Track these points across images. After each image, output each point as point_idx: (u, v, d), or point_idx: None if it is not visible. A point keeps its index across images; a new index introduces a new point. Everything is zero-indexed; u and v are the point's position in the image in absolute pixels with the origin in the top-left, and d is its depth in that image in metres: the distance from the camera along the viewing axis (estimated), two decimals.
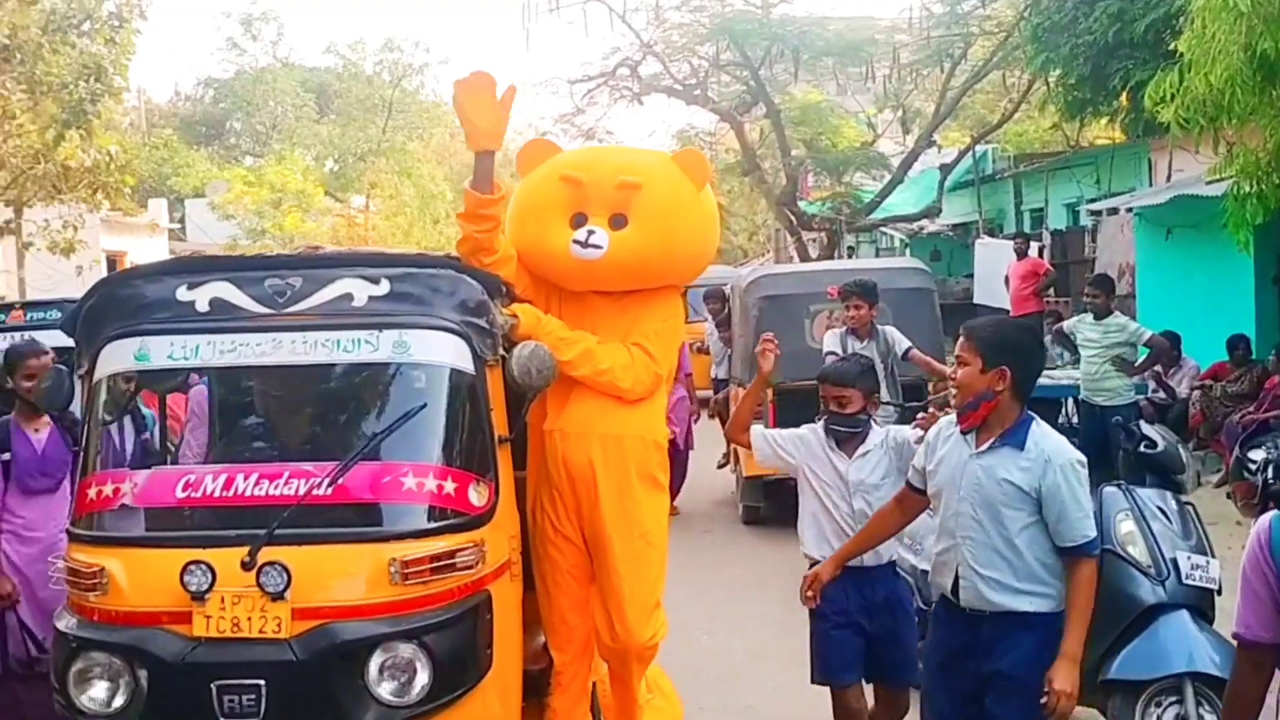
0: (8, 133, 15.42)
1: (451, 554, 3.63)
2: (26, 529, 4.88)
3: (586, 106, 22.26)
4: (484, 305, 3.92)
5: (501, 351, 3.96)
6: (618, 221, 4.25)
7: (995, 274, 16.59)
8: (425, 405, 3.80)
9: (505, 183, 4.26)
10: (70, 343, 4.02)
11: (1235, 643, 2.81)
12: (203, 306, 3.82)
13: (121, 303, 3.89)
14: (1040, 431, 3.73)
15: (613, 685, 4.49)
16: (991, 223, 21.37)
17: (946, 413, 4.08)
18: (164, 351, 3.79)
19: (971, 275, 19.13)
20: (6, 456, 4.83)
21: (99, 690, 3.54)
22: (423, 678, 3.54)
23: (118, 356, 3.83)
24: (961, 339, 3.82)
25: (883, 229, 23.42)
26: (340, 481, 3.63)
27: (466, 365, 3.85)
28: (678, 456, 10.05)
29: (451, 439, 3.87)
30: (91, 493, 3.76)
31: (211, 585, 3.46)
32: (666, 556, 4.40)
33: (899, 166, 20.89)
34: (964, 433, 3.76)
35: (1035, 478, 3.62)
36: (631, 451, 4.22)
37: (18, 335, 7.01)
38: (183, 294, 3.84)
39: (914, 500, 4.05)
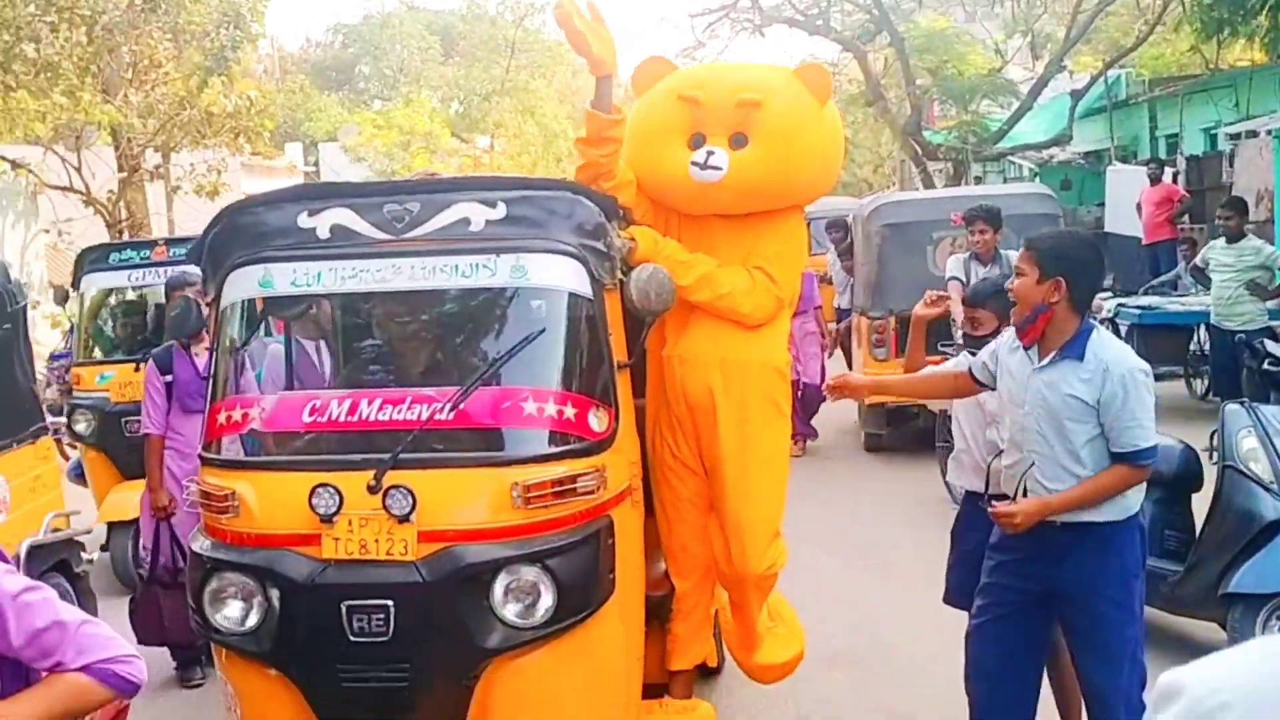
0: (155, 81, 16.16)
1: (573, 479, 3.60)
2: (187, 446, 5.24)
3: (707, 40, 21.90)
4: (601, 228, 3.86)
5: (619, 275, 3.91)
6: (738, 141, 4.13)
7: (1127, 201, 16.09)
8: (544, 330, 3.77)
9: (624, 106, 4.19)
10: None
11: None
12: (323, 233, 3.83)
13: (245, 230, 3.93)
14: (1100, 341, 3.70)
15: (733, 613, 4.46)
16: (1124, 150, 20.54)
17: None
18: (287, 278, 3.82)
19: (1103, 204, 18.47)
20: (170, 378, 5.31)
21: (233, 610, 3.63)
22: (547, 600, 3.54)
23: (242, 284, 3.88)
24: (1021, 250, 3.85)
25: (1011, 158, 22.58)
26: (462, 406, 3.63)
27: (584, 289, 3.80)
28: (807, 394, 9.80)
29: (571, 364, 3.83)
30: (221, 418, 3.83)
31: (339, 508, 3.50)
32: (786, 484, 4.33)
33: (1028, 93, 20.13)
34: (1025, 348, 3.74)
35: (1096, 389, 3.59)
36: (752, 378, 4.14)
37: (161, 270, 7.43)
38: (304, 221, 3.85)
39: (968, 383, 4.09)
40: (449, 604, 3.49)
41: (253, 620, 3.61)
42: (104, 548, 7.59)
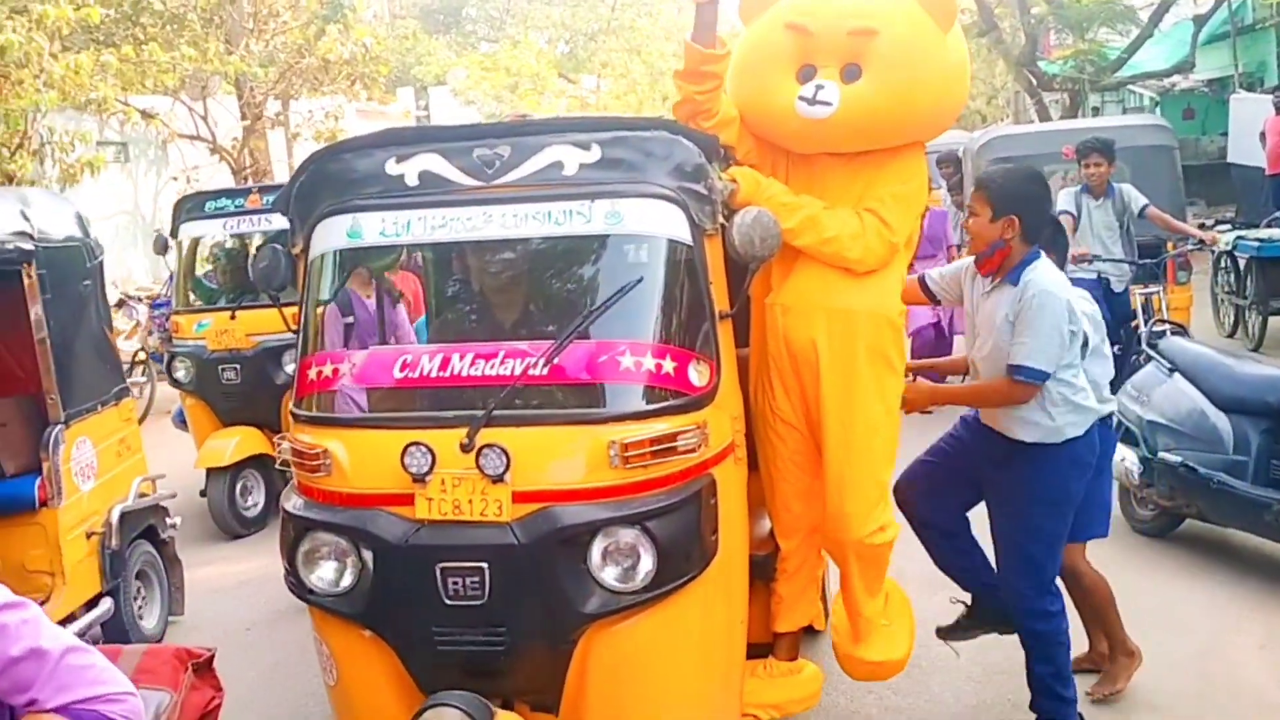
0: (274, 30, 17.04)
1: (672, 436, 3.42)
2: None
3: None
4: (701, 169, 3.64)
5: (721, 219, 3.69)
6: (850, 73, 3.86)
7: (1251, 131, 15.37)
8: (641, 279, 3.57)
9: (729, 40, 3.94)
10: None
11: None
12: (412, 180, 3.68)
13: (332, 178, 3.79)
14: (1035, 268, 4.06)
15: (842, 590, 4.23)
16: (1250, 77, 19.56)
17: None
18: (375, 228, 3.68)
19: (1226, 134, 17.67)
20: (350, 320, 5.20)
21: (327, 570, 3.54)
22: (647, 563, 3.38)
23: (330, 234, 3.75)
24: (973, 190, 4.20)
25: (1130, 87, 21.71)
26: (556, 361, 3.46)
27: (683, 235, 3.60)
28: (940, 342, 9.46)
29: (669, 315, 3.63)
30: (311, 373, 3.73)
31: (431, 467, 3.37)
32: (896, 444, 4.06)
33: (1148, 20, 19.13)
34: (983, 276, 4.20)
35: (1015, 308, 4.03)
36: (861, 328, 3.89)
37: (256, 217, 7.50)
38: (392, 167, 3.71)
39: (918, 293, 4.57)
40: (545, 567, 3.35)
41: (347, 581, 3.51)
42: (202, 493, 7.84)
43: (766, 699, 4.08)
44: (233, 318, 7.89)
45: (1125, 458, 6.23)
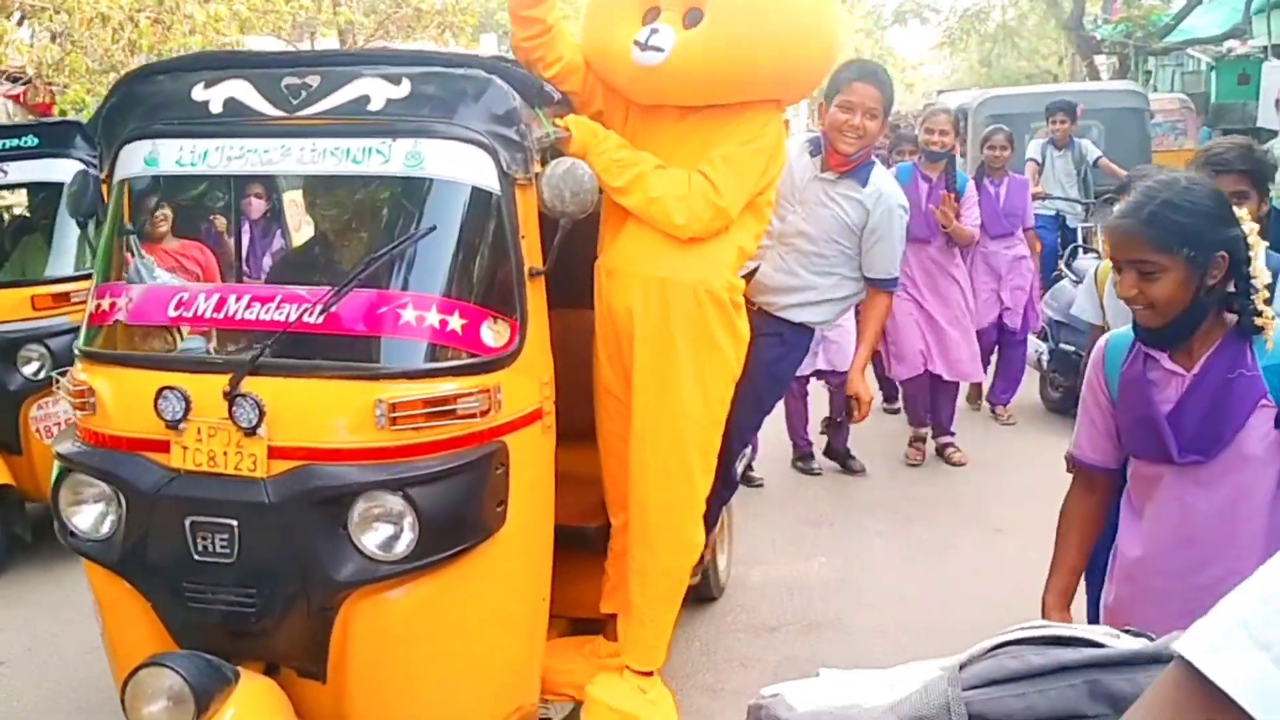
0: None
1: (450, 399, 3.18)
2: None
3: None
4: (513, 113, 3.35)
5: (538, 169, 3.42)
6: (692, 18, 3.56)
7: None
8: (435, 228, 3.30)
9: None
10: None
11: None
12: (216, 107, 3.43)
13: (139, 101, 3.56)
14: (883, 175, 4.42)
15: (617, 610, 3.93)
16: None
17: None
18: (172, 156, 3.45)
19: None
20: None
21: (87, 515, 3.35)
22: (408, 533, 3.16)
23: (131, 160, 3.52)
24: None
25: (1188, 52, 20.92)
26: (333, 310, 3.22)
27: (489, 183, 3.32)
28: (1008, 344, 7.78)
29: (465, 269, 3.37)
30: (91, 306, 3.52)
31: (185, 414, 3.16)
32: (716, 444, 3.77)
33: None
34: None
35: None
36: (675, 300, 3.60)
37: None
38: (198, 93, 3.46)
39: None
40: (298, 528, 3.13)
41: (105, 528, 3.33)
42: None
43: (586, 684, 3.86)
44: None
45: (1038, 349, 7.88)
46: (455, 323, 3.25)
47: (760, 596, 5.22)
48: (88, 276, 4.18)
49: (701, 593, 4.94)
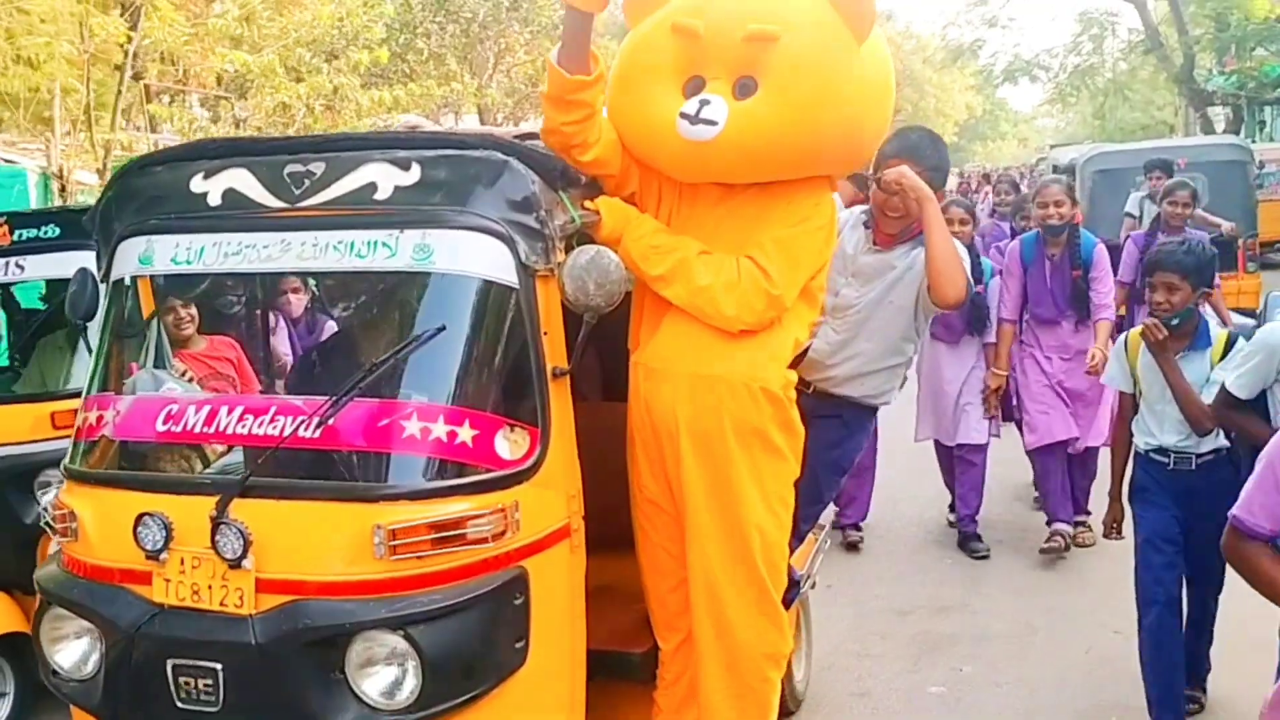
0: (510, 65, 20.61)
1: (458, 522, 2.80)
2: None
3: None
4: (533, 199, 3.00)
5: (561, 258, 3.05)
6: (744, 87, 3.18)
7: None
8: (444, 327, 2.94)
9: (609, 55, 3.29)
10: None
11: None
12: (215, 199, 3.15)
13: (136, 195, 3.30)
14: None
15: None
16: None
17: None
18: (168, 254, 3.16)
19: None
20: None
21: (69, 653, 3.04)
22: (410, 679, 2.76)
23: (126, 258, 3.25)
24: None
25: None
26: (331, 422, 2.87)
27: (505, 276, 2.96)
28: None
29: (477, 372, 3.00)
30: (79, 419, 3.24)
31: (166, 542, 2.84)
32: (785, 551, 3.37)
33: None
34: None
35: None
36: (727, 401, 3.19)
37: (11, 262, 5.60)
38: (197, 184, 3.19)
39: None
40: (288, 673, 2.76)
41: (89, 668, 3.00)
42: None
43: None
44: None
45: None
46: (465, 434, 2.88)
47: None
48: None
49: None
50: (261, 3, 15.75)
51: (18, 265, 4.93)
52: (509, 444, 2.93)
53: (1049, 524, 6.37)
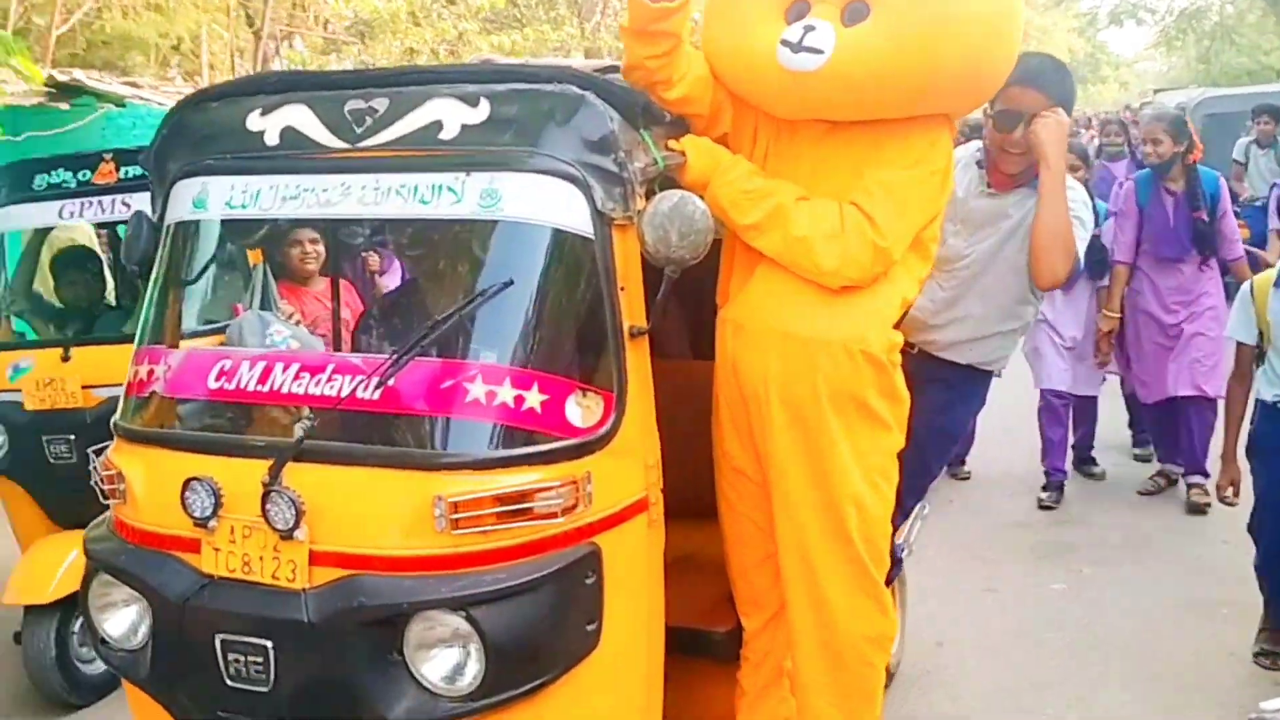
0: (619, 8, 19.01)
1: (526, 495, 2.55)
2: None
3: None
4: (611, 138, 2.72)
5: (642, 205, 2.77)
6: (855, 12, 2.85)
7: None
8: (511, 281, 2.69)
9: None
10: None
11: None
12: (272, 138, 2.92)
13: (191, 133, 3.08)
14: None
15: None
16: None
17: None
18: (222, 196, 2.95)
19: None
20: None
21: (118, 621, 2.86)
22: (473, 664, 2.54)
23: (180, 201, 3.04)
24: None
25: None
26: (391, 383, 2.64)
27: (579, 224, 2.69)
28: None
29: (548, 330, 2.74)
30: (130, 374, 3.05)
31: (215, 509, 2.64)
32: (887, 528, 3.07)
33: None
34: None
35: None
36: (823, 364, 2.89)
37: (112, 200, 5.48)
38: (254, 121, 2.96)
39: None
40: (343, 653, 2.56)
41: (138, 638, 2.83)
42: (17, 638, 4.76)
43: None
44: (65, 358, 4.65)
45: None
46: (534, 398, 2.63)
47: None
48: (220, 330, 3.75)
49: None
50: None
51: (124, 203, 4.71)
52: (581, 410, 2.68)
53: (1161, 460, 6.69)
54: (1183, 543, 5.88)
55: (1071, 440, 6.80)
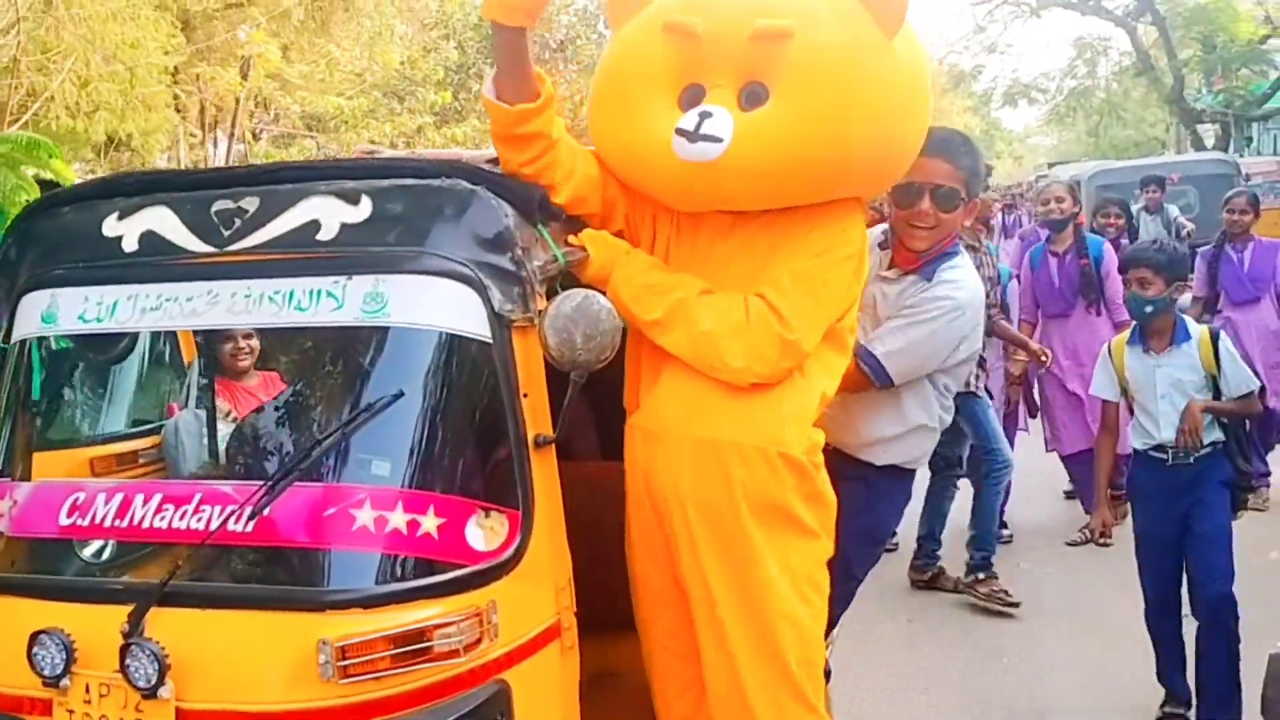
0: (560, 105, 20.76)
1: (423, 633, 2.28)
2: None
3: (988, 24, 24.39)
4: (506, 235, 2.50)
5: (542, 305, 2.55)
6: (752, 95, 2.67)
7: None
8: (401, 393, 2.44)
9: (556, 74, 2.79)
10: None
11: None
12: (130, 244, 2.66)
13: (40, 240, 2.81)
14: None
15: None
16: None
17: None
18: (75, 309, 2.66)
19: None
20: None
21: None
22: None
23: (28, 315, 2.75)
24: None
25: None
26: (266, 513, 2.36)
27: (475, 328, 2.46)
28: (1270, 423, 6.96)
29: (443, 447, 2.49)
30: None
31: (66, 666, 2.32)
32: (821, 645, 2.81)
33: None
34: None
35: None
36: (739, 470, 2.65)
37: None
38: (110, 226, 2.69)
39: None
40: None
41: None
42: None
43: None
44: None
45: None
46: (429, 523, 2.37)
47: None
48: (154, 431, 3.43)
49: None
50: (340, 50, 17.38)
51: None
52: (483, 532, 2.42)
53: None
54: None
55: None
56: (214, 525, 2.37)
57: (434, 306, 2.47)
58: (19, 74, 11.88)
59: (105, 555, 2.56)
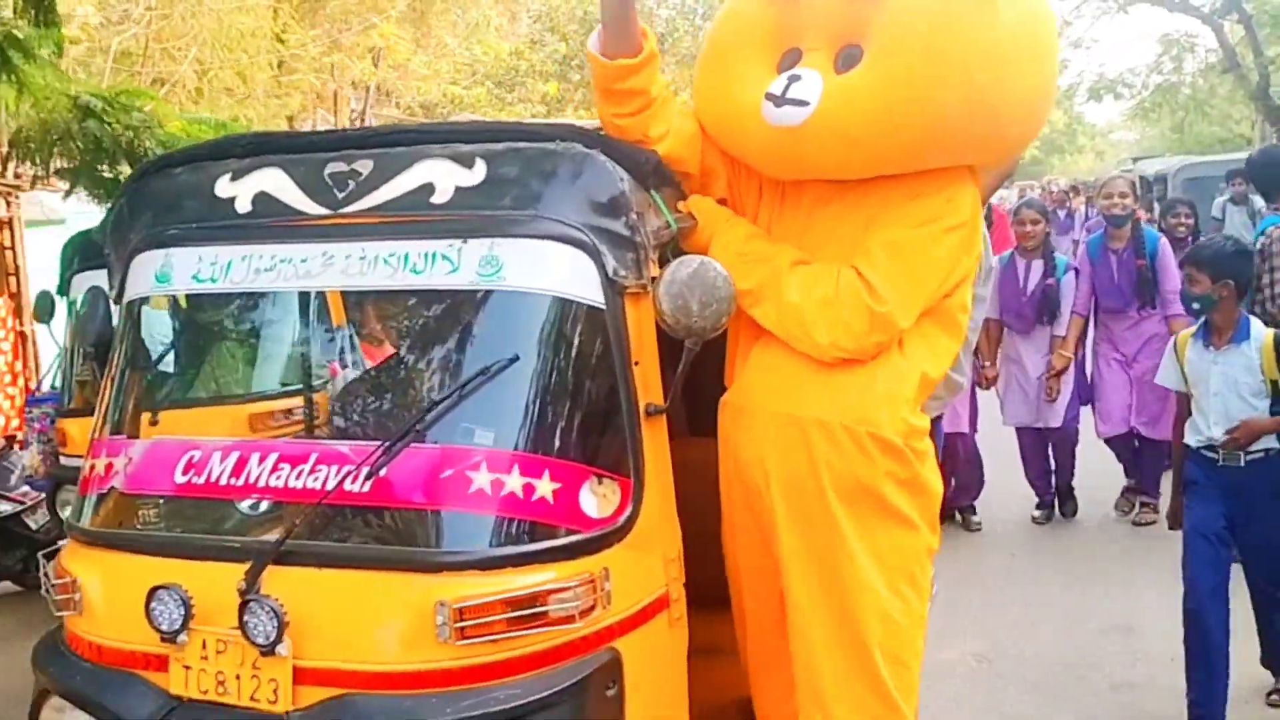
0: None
1: (539, 596, 2.27)
2: None
3: (1074, 19, 23.41)
4: (621, 200, 2.48)
5: (655, 272, 2.52)
6: (848, 58, 2.60)
7: None
8: (516, 358, 2.42)
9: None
10: None
11: None
12: (244, 205, 2.67)
13: (154, 200, 2.83)
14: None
15: None
16: None
17: None
18: (188, 269, 2.68)
19: None
20: None
21: None
22: None
23: (141, 275, 2.77)
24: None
25: None
26: (382, 474, 2.36)
27: (589, 293, 2.44)
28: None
29: (557, 412, 2.46)
30: (86, 469, 2.75)
31: (184, 622, 2.34)
32: (917, 640, 2.70)
33: None
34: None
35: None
36: (824, 449, 2.57)
37: None
38: (223, 187, 2.71)
39: None
40: None
41: None
42: None
43: None
44: (154, 422, 4.04)
45: None
46: (545, 487, 2.35)
47: None
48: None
49: None
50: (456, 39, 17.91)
51: None
52: (597, 498, 2.41)
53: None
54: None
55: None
56: (330, 485, 2.37)
57: (548, 271, 2.45)
58: (149, 60, 12.35)
59: (221, 513, 2.56)
